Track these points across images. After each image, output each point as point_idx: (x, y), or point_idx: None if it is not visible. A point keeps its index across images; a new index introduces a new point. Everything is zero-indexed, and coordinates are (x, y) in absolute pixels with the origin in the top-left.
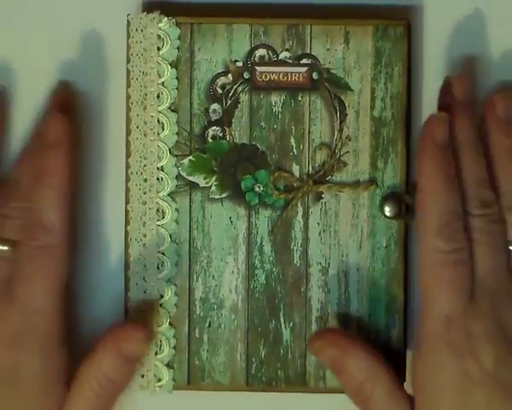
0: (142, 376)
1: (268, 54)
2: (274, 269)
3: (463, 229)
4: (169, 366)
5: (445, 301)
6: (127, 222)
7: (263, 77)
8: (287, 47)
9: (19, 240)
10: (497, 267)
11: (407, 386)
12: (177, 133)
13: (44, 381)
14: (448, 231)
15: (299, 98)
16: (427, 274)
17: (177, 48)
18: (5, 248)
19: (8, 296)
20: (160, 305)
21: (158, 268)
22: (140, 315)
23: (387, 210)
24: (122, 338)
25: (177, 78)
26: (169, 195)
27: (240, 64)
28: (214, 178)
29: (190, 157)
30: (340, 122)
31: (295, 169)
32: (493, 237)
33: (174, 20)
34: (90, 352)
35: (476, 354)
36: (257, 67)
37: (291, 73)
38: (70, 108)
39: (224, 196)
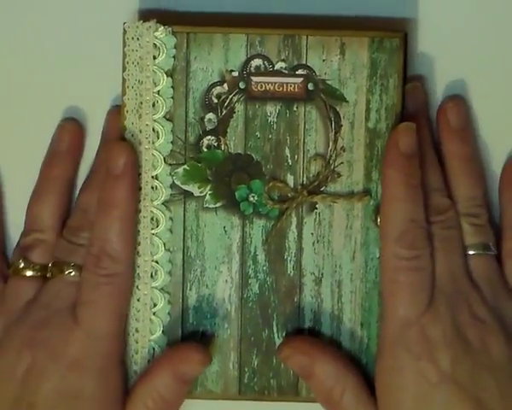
0: None
1: (264, 64)
2: (267, 278)
3: (425, 236)
4: None
5: (403, 305)
6: None
7: (258, 87)
8: (282, 57)
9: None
10: (454, 271)
11: None
12: (171, 142)
13: (104, 403)
14: (408, 239)
15: (295, 109)
16: (387, 280)
17: (173, 57)
18: (76, 273)
19: (74, 321)
20: (153, 313)
21: (151, 277)
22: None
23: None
24: (180, 359)
25: (172, 87)
26: (163, 203)
27: (235, 74)
28: (209, 188)
29: (185, 166)
30: (335, 133)
31: (290, 179)
32: (448, 242)
33: (170, 29)
34: (146, 372)
35: (433, 356)
36: (252, 77)
37: (286, 83)
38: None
39: (218, 205)
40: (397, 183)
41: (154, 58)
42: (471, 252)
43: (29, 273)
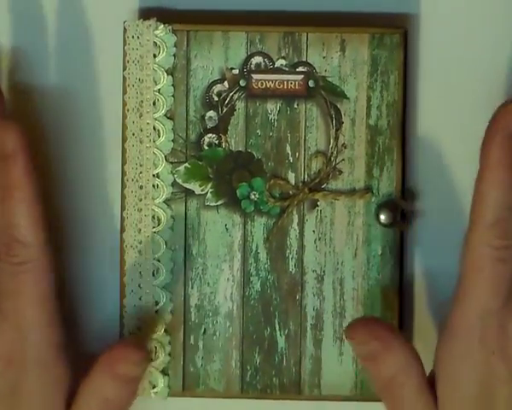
0: None
1: (264, 61)
2: (269, 276)
3: None
4: (164, 372)
5: (484, 295)
6: (123, 229)
7: (259, 84)
8: (283, 55)
9: None
10: None
11: None
12: (172, 140)
13: (44, 395)
14: (502, 228)
15: (295, 106)
16: (471, 265)
17: (174, 55)
18: None
19: (1, 314)
20: (155, 312)
21: (153, 275)
22: (137, 333)
23: (383, 218)
24: (117, 360)
25: (173, 85)
26: (164, 202)
27: (236, 71)
28: (210, 186)
29: (186, 164)
30: (336, 130)
31: (291, 177)
32: None
33: (170, 27)
34: (88, 374)
35: (506, 353)
36: (253, 75)
37: (287, 80)
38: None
39: (219, 203)
40: (501, 165)
41: (155, 56)
42: None
43: None
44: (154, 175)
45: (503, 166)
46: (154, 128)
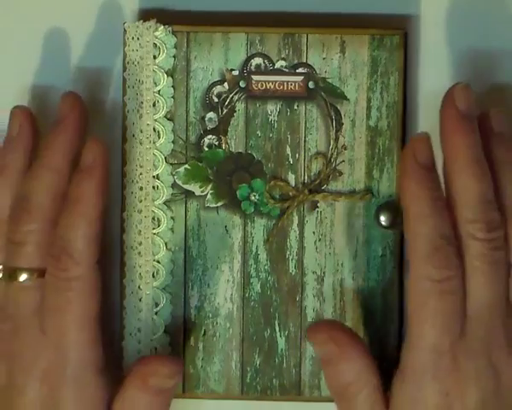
0: None
1: (264, 63)
2: (269, 278)
3: (456, 255)
4: None
5: (433, 332)
6: (123, 230)
7: (259, 86)
8: (283, 56)
9: (42, 268)
10: (495, 300)
11: None
12: (172, 142)
13: None
14: (439, 257)
15: (295, 107)
16: (415, 302)
17: (174, 56)
18: (28, 277)
19: (40, 330)
20: (155, 313)
21: (153, 276)
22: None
23: (383, 219)
24: (149, 374)
25: (173, 86)
26: (164, 203)
27: (236, 73)
28: (210, 187)
29: (186, 166)
30: (336, 131)
31: (291, 178)
32: (495, 265)
33: (170, 28)
34: (122, 384)
35: (462, 391)
36: (253, 76)
37: (287, 82)
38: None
39: (219, 204)
40: (420, 197)
41: (155, 58)
42: None
43: None
44: (154, 176)
45: (423, 197)
46: (154, 129)
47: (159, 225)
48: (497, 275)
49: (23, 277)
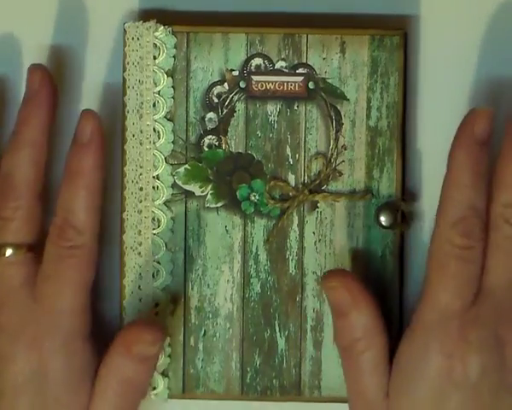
0: None
1: (264, 63)
2: (269, 278)
3: (482, 229)
4: (164, 374)
5: (447, 294)
6: (123, 230)
7: (259, 86)
8: (283, 56)
9: (30, 243)
10: (511, 282)
11: None
12: (172, 142)
13: (70, 380)
14: (464, 226)
15: (295, 107)
16: (435, 263)
17: (174, 57)
18: (13, 252)
19: (33, 297)
20: (155, 314)
21: (153, 277)
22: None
23: (383, 220)
24: (133, 341)
25: (173, 86)
26: (164, 203)
27: (236, 73)
28: (210, 187)
29: (186, 166)
30: (336, 132)
31: (291, 178)
32: None
33: (170, 28)
34: (106, 355)
35: (465, 358)
36: (253, 76)
37: (287, 82)
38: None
39: (219, 204)
40: (464, 167)
41: (155, 58)
42: None
43: None
44: (154, 177)
45: (467, 168)
46: (154, 130)
47: (159, 226)
48: None
49: (9, 252)
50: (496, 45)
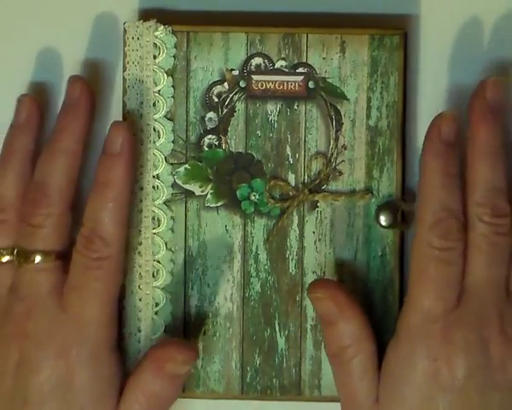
0: None
1: (264, 62)
2: (269, 277)
3: (459, 229)
4: None
5: (430, 297)
6: None
7: (259, 85)
8: (283, 56)
9: (59, 250)
10: (493, 280)
11: None
12: (172, 141)
13: (96, 391)
14: (441, 228)
15: (295, 107)
16: (416, 267)
17: (174, 56)
18: (42, 259)
19: (60, 306)
20: (156, 313)
21: (153, 276)
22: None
23: (383, 219)
24: (164, 359)
25: (173, 86)
26: (165, 203)
27: (236, 73)
28: (210, 187)
29: (186, 165)
30: (336, 131)
31: (291, 178)
32: (497, 248)
33: (170, 28)
34: (136, 370)
35: (450, 360)
36: (253, 76)
37: (287, 81)
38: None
39: (219, 204)
40: (434, 170)
41: (155, 57)
42: None
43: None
44: (154, 176)
45: (439, 171)
46: (154, 129)
47: (159, 225)
48: (497, 258)
49: (38, 258)
50: (496, 45)
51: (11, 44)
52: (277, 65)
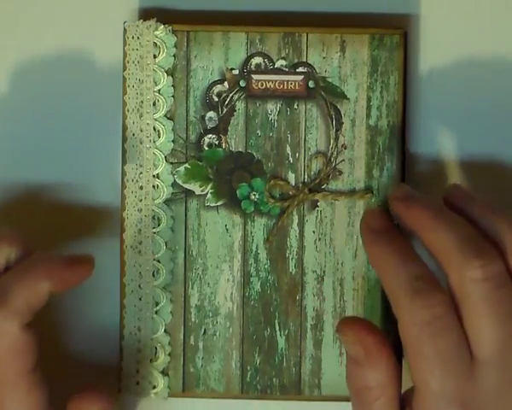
0: (137, 383)
1: (264, 62)
2: (269, 277)
3: (440, 290)
4: (164, 373)
5: (434, 379)
6: (123, 229)
7: (259, 85)
8: (283, 55)
9: None
10: (507, 340)
11: None
12: (173, 141)
13: None
14: (420, 298)
15: (295, 106)
16: (409, 353)
17: (174, 55)
18: None
19: None
20: (155, 312)
21: (153, 276)
22: None
23: None
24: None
25: (173, 85)
26: (165, 202)
27: (236, 72)
28: (210, 186)
29: (186, 165)
30: (336, 131)
31: (291, 177)
32: (501, 304)
33: (170, 27)
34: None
35: None
36: (253, 75)
37: (287, 81)
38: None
39: (219, 203)
40: (382, 255)
41: (155, 57)
42: None
43: None
44: (154, 176)
45: (385, 255)
46: (154, 129)
47: (159, 225)
48: (506, 313)
49: None
50: (495, 43)
51: (10, 42)
52: (277, 64)
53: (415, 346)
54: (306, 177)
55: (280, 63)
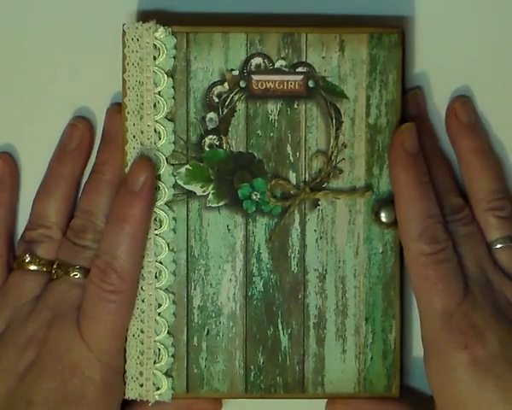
0: (141, 385)
1: (264, 62)
2: (271, 276)
3: (445, 230)
4: (168, 374)
5: (440, 298)
6: None
7: (259, 85)
8: (282, 55)
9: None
10: (482, 263)
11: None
12: (173, 142)
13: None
14: (429, 235)
15: (295, 106)
16: (418, 278)
17: (174, 57)
18: (81, 276)
19: (78, 328)
20: (158, 314)
21: (156, 277)
22: None
23: (383, 216)
24: None
25: (173, 87)
26: (166, 204)
27: (236, 73)
28: (211, 187)
29: (187, 166)
30: (336, 130)
31: (292, 177)
32: (471, 236)
33: (170, 29)
34: None
35: (482, 340)
36: (253, 76)
37: (287, 81)
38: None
39: (221, 204)
40: (408, 183)
41: (155, 59)
42: (498, 245)
43: (33, 268)
44: (155, 177)
45: (412, 182)
46: (155, 130)
47: (161, 226)
48: (476, 243)
49: (77, 274)
50: (491, 44)
51: (11, 46)
52: (277, 64)
53: (421, 272)
54: (307, 176)
55: (280, 63)
